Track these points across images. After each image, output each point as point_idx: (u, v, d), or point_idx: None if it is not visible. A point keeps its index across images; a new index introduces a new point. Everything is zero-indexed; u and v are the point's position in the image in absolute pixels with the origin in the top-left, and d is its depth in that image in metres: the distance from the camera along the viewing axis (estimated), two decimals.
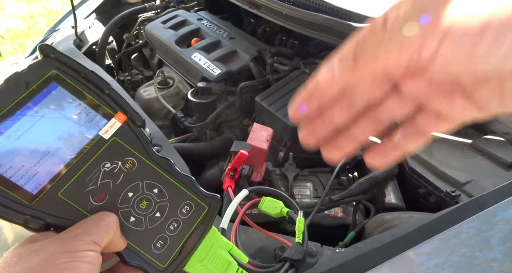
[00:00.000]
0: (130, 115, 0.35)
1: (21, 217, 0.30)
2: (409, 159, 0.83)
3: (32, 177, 0.31)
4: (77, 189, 0.32)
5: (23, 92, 0.31)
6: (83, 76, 0.33)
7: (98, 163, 0.33)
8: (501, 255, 0.51)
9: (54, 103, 0.32)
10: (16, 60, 3.21)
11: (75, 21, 1.37)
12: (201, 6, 1.64)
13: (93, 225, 0.31)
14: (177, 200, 0.36)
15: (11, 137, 0.30)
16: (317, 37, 1.06)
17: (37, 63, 0.32)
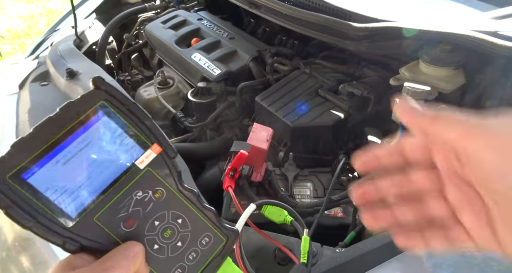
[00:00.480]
0: (165, 147, 0.37)
1: (60, 239, 0.32)
2: None
3: (73, 201, 0.33)
4: (111, 215, 0.34)
5: (74, 120, 0.33)
6: (127, 108, 0.35)
7: (131, 191, 0.35)
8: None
9: (100, 131, 0.34)
10: (16, 60, 3.21)
11: (75, 21, 1.37)
12: (201, 6, 1.64)
13: (122, 257, 0.33)
14: (198, 231, 0.38)
15: (59, 163, 0.32)
16: (317, 37, 1.06)
17: (88, 94, 0.34)
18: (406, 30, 0.89)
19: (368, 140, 0.96)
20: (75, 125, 0.33)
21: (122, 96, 0.35)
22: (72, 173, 0.33)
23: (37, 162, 0.31)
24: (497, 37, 0.80)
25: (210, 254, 0.38)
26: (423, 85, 0.91)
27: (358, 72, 1.17)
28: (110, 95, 0.35)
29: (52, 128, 0.32)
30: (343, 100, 1.05)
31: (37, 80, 1.24)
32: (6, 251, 0.85)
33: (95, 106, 0.34)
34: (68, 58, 1.27)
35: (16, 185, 0.31)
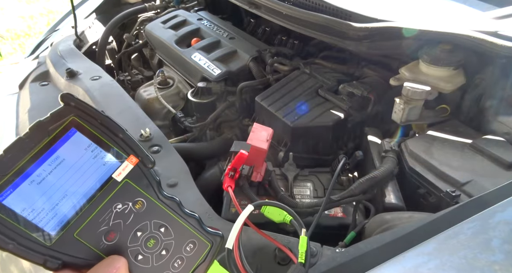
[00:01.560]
0: (141, 158, 0.37)
1: (40, 257, 0.32)
2: (409, 159, 0.83)
3: (51, 219, 0.32)
4: (91, 230, 0.34)
5: (45, 139, 0.33)
6: (99, 122, 0.35)
7: (110, 205, 0.35)
8: (502, 256, 0.51)
9: (73, 148, 0.34)
10: (16, 60, 3.21)
11: (75, 21, 1.37)
12: (201, 6, 1.64)
13: (107, 272, 0.33)
14: (182, 239, 0.38)
15: (33, 182, 0.32)
16: (317, 37, 1.06)
17: (58, 111, 0.34)
18: (406, 30, 0.89)
19: (368, 140, 0.96)
20: (47, 143, 0.33)
21: (92, 111, 0.35)
22: (48, 191, 0.32)
23: (10, 184, 0.31)
24: (497, 37, 0.80)
25: (195, 260, 0.38)
26: (423, 85, 0.91)
27: (358, 72, 1.17)
28: (80, 110, 0.34)
29: (24, 149, 0.32)
30: (343, 100, 1.05)
31: (37, 80, 1.24)
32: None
33: (66, 123, 0.34)
34: (68, 58, 1.27)
35: None
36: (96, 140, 0.35)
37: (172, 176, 0.79)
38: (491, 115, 0.88)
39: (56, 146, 0.33)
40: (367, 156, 0.93)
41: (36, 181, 0.32)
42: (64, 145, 0.33)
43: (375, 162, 0.88)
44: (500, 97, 0.87)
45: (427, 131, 0.90)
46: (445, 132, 0.88)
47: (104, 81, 1.13)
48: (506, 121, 0.85)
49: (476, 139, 0.83)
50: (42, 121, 0.33)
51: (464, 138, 0.85)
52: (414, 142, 0.86)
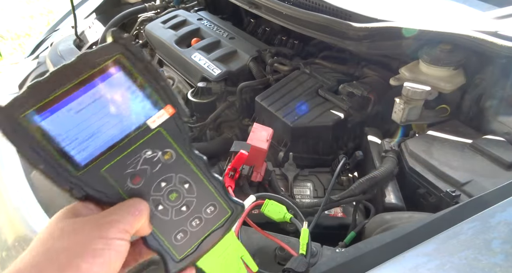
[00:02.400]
0: (178, 110, 0.36)
1: (67, 184, 0.33)
2: (409, 159, 0.83)
3: (82, 150, 0.33)
4: (118, 169, 0.34)
5: (89, 71, 0.32)
6: (144, 65, 0.34)
7: (140, 149, 0.35)
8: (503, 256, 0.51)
9: (114, 85, 0.33)
10: (16, 60, 3.21)
11: (75, 21, 1.37)
12: (201, 6, 1.64)
13: (127, 213, 0.33)
14: (204, 199, 0.38)
15: (71, 110, 0.32)
16: (317, 37, 1.06)
17: (106, 46, 0.33)
18: (406, 30, 0.89)
19: (368, 140, 0.96)
20: (91, 75, 0.32)
21: (139, 52, 0.34)
22: (84, 123, 0.33)
23: (51, 107, 0.31)
24: (497, 37, 0.80)
25: (213, 224, 0.38)
26: (423, 85, 0.91)
27: (358, 72, 1.17)
28: (127, 50, 0.34)
29: (68, 75, 0.32)
30: (343, 100, 1.05)
31: None
32: (6, 251, 0.85)
33: (111, 59, 0.33)
34: (68, 58, 1.26)
35: (28, 125, 0.31)
36: (138, 83, 0.34)
37: None
38: (491, 115, 0.88)
39: (98, 80, 0.33)
40: (367, 156, 0.93)
41: (74, 110, 0.32)
42: (106, 81, 0.33)
43: (375, 162, 0.88)
44: (500, 97, 0.87)
45: (427, 131, 0.90)
46: (445, 132, 0.88)
47: None
48: (506, 121, 0.85)
49: (476, 139, 0.83)
50: (88, 52, 0.33)
51: (464, 138, 0.85)
52: (414, 142, 0.86)
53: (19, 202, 0.86)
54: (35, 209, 0.83)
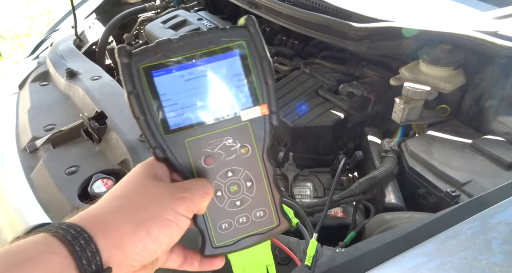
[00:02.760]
0: (271, 112, 0.37)
1: (154, 142, 0.35)
2: (409, 159, 0.83)
3: (178, 115, 0.35)
4: (199, 145, 0.37)
5: (212, 46, 0.35)
6: (260, 59, 0.36)
7: (224, 135, 0.37)
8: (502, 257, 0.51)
9: (226, 67, 0.35)
10: (16, 60, 3.21)
11: (75, 21, 1.37)
12: (201, 6, 1.64)
13: (197, 193, 0.35)
14: (258, 202, 0.39)
15: (183, 77, 0.35)
16: (317, 37, 1.06)
17: (237, 29, 0.35)
18: (406, 30, 0.89)
19: (368, 140, 0.96)
20: (212, 51, 0.35)
21: (261, 45, 0.36)
22: (188, 92, 0.35)
23: (166, 67, 0.34)
24: (497, 37, 0.80)
25: (257, 228, 0.40)
26: (423, 85, 0.90)
27: (358, 72, 1.17)
28: (252, 39, 0.35)
29: (193, 44, 0.34)
30: (343, 100, 1.05)
31: (37, 80, 1.24)
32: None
33: (234, 43, 0.35)
34: (68, 58, 1.27)
35: (144, 76, 0.34)
36: (248, 73, 0.36)
37: None
38: (491, 115, 0.88)
39: (216, 57, 0.35)
40: (367, 156, 0.93)
41: (185, 77, 0.34)
42: (222, 61, 0.35)
43: (375, 162, 0.88)
44: (500, 97, 0.87)
45: (427, 131, 0.89)
46: (445, 132, 0.88)
47: (104, 81, 1.13)
48: (506, 121, 0.85)
49: (476, 139, 0.83)
50: (219, 29, 0.35)
51: (464, 138, 0.85)
52: (414, 142, 0.86)
53: (19, 202, 0.86)
54: (35, 209, 0.83)
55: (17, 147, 1.00)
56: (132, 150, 0.85)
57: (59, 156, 0.92)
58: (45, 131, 0.99)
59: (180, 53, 0.34)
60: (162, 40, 0.34)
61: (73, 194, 0.81)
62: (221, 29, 0.35)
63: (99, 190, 0.80)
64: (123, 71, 0.34)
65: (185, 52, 0.34)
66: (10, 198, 0.88)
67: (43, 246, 0.28)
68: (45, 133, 0.97)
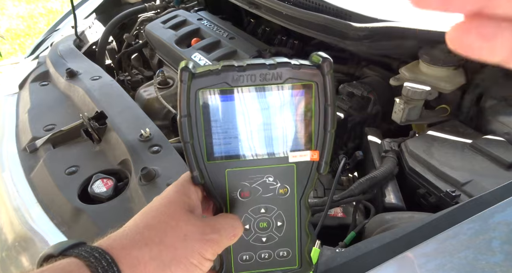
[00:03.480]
0: (321, 161, 0.36)
1: (194, 167, 0.35)
2: (409, 159, 0.83)
3: (223, 144, 0.35)
4: (238, 177, 0.36)
5: (279, 82, 0.33)
6: (325, 105, 0.34)
7: (266, 172, 0.36)
8: (503, 257, 0.51)
9: (288, 106, 0.34)
10: (16, 60, 3.21)
11: (75, 21, 1.37)
12: (201, 6, 1.64)
13: (227, 236, 0.34)
14: (284, 242, 0.39)
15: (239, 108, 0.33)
16: (317, 37, 1.06)
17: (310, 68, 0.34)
18: (406, 30, 0.89)
19: (368, 140, 0.96)
20: (278, 85, 0.33)
21: (331, 92, 0.34)
22: (241, 123, 0.34)
23: (227, 95, 0.33)
24: None
25: (277, 266, 0.39)
26: (423, 85, 0.91)
27: (358, 72, 1.17)
28: (323, 84, 0.34)
29: (259, 75, 0.33)
30: (343, 100, 1.05)
31: (37, 80, 1.24)
32: (6, 251, 0.84)
33: (304, 83, 0.34)
34: (68, 58, 1.27)
35: (200, 100, 0.33)
36: (308, 116, 0.34)
37: (172, 176, 0.79)
38: (491, 115, 0.88)
39: (281, 93, 0.33)
40: (367, 156, 0.93)
41: (242, 108, 0.34)
42: (285, 97, 0.34)
43: (375, 162, 0.88)
44: (500, 97, 0.87)
45: (427, 131, 0.90)
46: (445, 132, 0.88)
47: (104, 81, 1.13)
48: (506, 121, 0.85)
49: (476, 139, 0.83)
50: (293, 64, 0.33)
51: (464, 138, 0.85)
52: (414, 142, 0.86)
53: (19, 202, 0.86)
54: (35, 209, 0.83)
55: (17, 147, 1.00)
56: (132, 150, 0.85)
57: (59, 156, 0.92)
58: (45, 131, 0.99)
59: (242, 83, 0.33)
60: (227, 64, 0.33)
61: (73, 194, 0.81)
62: (293, 65, 0.33)
63: (99, 190, 0.80)
64: (181, 93, 0.32)
65: (249, 83, 0.33)
66: (10, 198, 0.88)
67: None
68: (45, 133, 0.97)
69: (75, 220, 0.77)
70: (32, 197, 0.85)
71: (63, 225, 0.78)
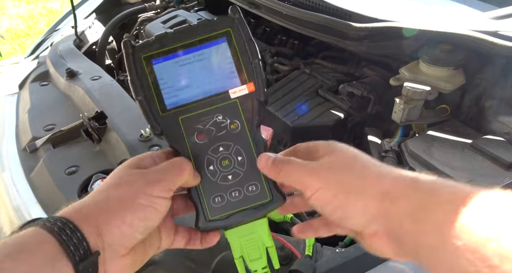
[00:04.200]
0: (258, 89, 0.40)
1: (152, 120, 0.39)
2: (409, 159, 0.83)
3: (173, 96, 0.40)
4: (192, 122, 0.40)
5: (203, 35, 0.40)
6: (245, 43, 0.40)
7: (214, 112, 0.40)
8: None
9: (215, 52, 0.40)
10: (16, 60, 3.21)
11: (75, 21, 1.37)
12: (201, 6, 1.64)
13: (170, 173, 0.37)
14: (250, 176, 0.41)
15: (178, 63, 0.40)
16: (317, 37, 1.06)
17: (223, 18, 0.40)
18: (406, 30, 0.89)
19: (368, 140, 0.96)
20: (202, 39, 0.39)
21: (246, 30, 0.40)
22: (182, 75, 0.40)
23: (165, 55, 0.39)
24: (497, 37, 0.80)
25: (250, 203, 0.40)
26: (423, 85, 0.91)
27: (358, 72, 1.17)
28: (237, 26, 0.40)
29: (186, 35, 0.40)
30: (343, 100, 1.05)
31: (37, 80, 1.24)
32: None
33: (222, 31, 0.40)
34: (68, 58, 1.27)
35: (145, 64, 0.39)
36: (234, 56, 0.40)
37: None
38: (491, 115, 0.88)
39: (206, 45, 0.40)
40: None
41: (179, 63, 0.40)
42: (211, 47, 0.40)
43: None
44: (500, 97, 0.87)
45: (427, 131, 0.89)
46: (445, 132, 0.88)
47: (104, 81, 1.13)
48: (506, 121, 0.85)
49: (476, 139, 0.83)
50: (209, 20, 0.40)
51: (464, 138, 0.85)
52: (414, 142, 0.86)
53: (19, 202, 0.86)
54: (35, 209, 0.83)
55: (17, 147, 1.00)
56: (132, 150, 0.85)
57: (59, 156, 0.92)
58: (45, 131, 0.99)
59: (175, 42, 0.39)
60: (160, 33, 0.40)
61: (73, 194, 0.81)
62: (209, 20, 0.40)
63: None
64: (127, 60, 0.39)
65: (179, 41, 0.39)
66: (10, 198, 0.88)
67: (35, 237, 0.31)
68: (45, 133, 0.97)
69: None
70: (32, 197, 0.85)
71: None
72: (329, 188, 0.35)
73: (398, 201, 0.32)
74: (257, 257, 0.41)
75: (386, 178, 0.34)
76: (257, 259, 0.41)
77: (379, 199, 0.33)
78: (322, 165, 0.36)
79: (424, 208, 0.30)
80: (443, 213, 0.29)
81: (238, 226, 0.41)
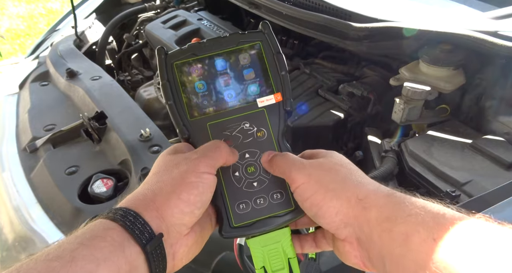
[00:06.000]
0: (285, 99, 0.42)
1: (180, 123, 0.41)
2: (409, 159, 0.83)
3: (202, 102, 0.41)
4: (219, 128, 0.41)
5: (233, 46, 0.42)
6: (274, 56, 0.42)
7: (241, 120, 0.42)
8: None
9: (245, 63, 0.42)
10: (16, 60, 3.21)
11: (75, 21, 1.37)
12: (201, 6, 1.64)
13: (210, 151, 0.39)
14: (275, 184, 0.41)
15: (208, 71, 0.41)
16: (317, 37, 1.06)
17: (254, 32, 0.42)
18: (406, 30, 0.89)
19: (368, 140, 0.96)
20: (233, 50, 0.42)
21: (275, 44, 0.42)
22: (214, 82, 0.41)
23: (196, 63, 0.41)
24: (497, 37, 0.80)
25: (274, 211, 0.40)
26: (423, 85, 0.91)
27: (358, 72, 1.17)
28: (267, 40, 0.42)
29: (218, 45, 0.42)
30: (343, 100, 1.05)
31: (37, 80, 1.24)
32: (6, 251, 0.85)
33: (252, 44, 0.42)
34: (68, 58, 1.27)
35: (176, 70, 0.41)
36: (263, 67, 0.42)
37: None
38: (491, 115, 0.88)
39: (237, 55, 0.42)
40: (367, 156, 0.93)
41: (210, 71, 0.41)
42: (241, 58, 0.42)
43: (375, 162, 0.88)
44: (500, 97, 0.87)
45: (427, 131, 0.90)
46: (445, 132, 0.88)
47: (104, 81, 1.13)
48: (506, 121, 0.85)
49: (476, 139, 0.83)
50: (239, 34, 0.42)
51: (464, 138, 0.85)
52: (414, 142, 0.86)
53: (19, 202, 0.86)
54: (35, 209, 0.83)
55: (17, 147, 1.00)
56: (132, 150, 0.85)
57: (59, 156, 0.92)
58: (45, 131, 0.99)
59: (206, 52, 0.41)
60: (193, 43, 0.42)
61: (73, 194, 0.81)
62: (240, 33, 0.42)
63: (99, 190, 0.80)
64: (160, 66, 0.41)
65: (211, 51, 0.41)
66: (10, 198, 0.88)
67: (101, 227, 0.33)
68: (45, 133, 0.98)
69: (75, 220, 0.77)
70: (32, 197, 0.85)
71: (63, 225, 0.78)
72: (310, 184, 0.37)
73: (370, 209, 0.35)
74: (280, 267, 0.41)
75: (364, 186, 0.37)
76: (279, 269, 0.41)
77: (353, 203, 0.36)
78: (312, 163, 0.39)
79: (392, 218, 0.33)
80: (409, 224, 0.32)
81: (262, 235, 0.40)
